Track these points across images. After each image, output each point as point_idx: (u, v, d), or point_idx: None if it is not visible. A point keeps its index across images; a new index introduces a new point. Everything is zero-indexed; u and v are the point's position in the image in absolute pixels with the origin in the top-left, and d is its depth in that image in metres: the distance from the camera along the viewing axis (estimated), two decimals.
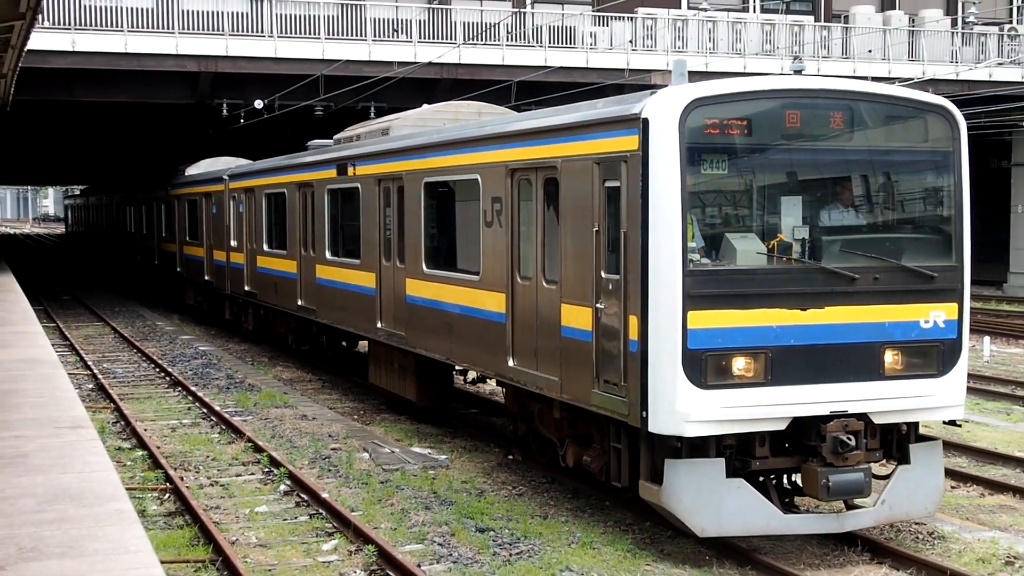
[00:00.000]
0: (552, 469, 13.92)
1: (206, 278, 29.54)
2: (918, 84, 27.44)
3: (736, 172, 10.65)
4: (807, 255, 10.60)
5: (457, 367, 15.42)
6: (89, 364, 22.79)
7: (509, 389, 13.90)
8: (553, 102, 16.81)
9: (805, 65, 11.83)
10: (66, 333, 28.18)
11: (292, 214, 21.67)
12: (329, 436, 16.31)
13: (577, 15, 36.09)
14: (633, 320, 10.26)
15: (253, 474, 14.17)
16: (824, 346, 10.33)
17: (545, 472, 14.01)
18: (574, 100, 13.92)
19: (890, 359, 10.57)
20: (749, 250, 10.35)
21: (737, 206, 10.95)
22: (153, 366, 23.31)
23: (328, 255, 19.65)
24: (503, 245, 12.92)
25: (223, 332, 29.49)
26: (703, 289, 10.01)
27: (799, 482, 11.00)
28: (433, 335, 15.13)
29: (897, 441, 10.97)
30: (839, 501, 10.83)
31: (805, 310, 10.26)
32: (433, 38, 33.68)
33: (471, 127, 14.95)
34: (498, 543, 11.19)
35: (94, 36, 30.67)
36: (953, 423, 11.29)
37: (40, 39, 27.11)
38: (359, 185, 17.88)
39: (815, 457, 10.37)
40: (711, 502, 10.08)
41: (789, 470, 10.97)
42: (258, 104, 32.38)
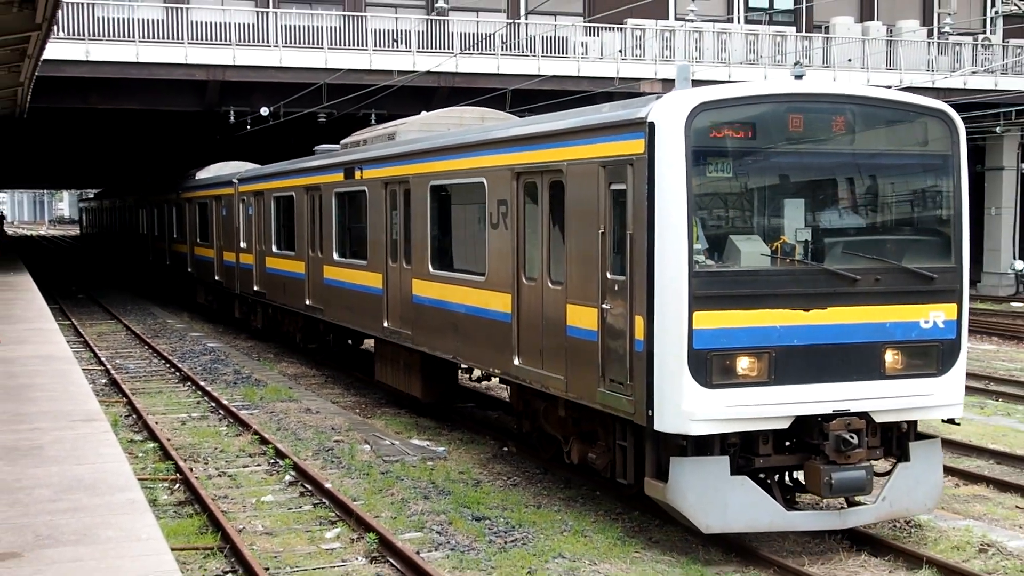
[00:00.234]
0: (546, 461, 13.94)
1: (216, 278, 29.40)
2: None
3: (740, 175, 10.44)
4: (810, 257, 10.39)
5: (463, 365, 15.15)
6: (102, 360, 22.80)
7: (514, 387, 13.66)
8: (546, 109, 16.74)
9: (806, 71, 11.68)
10: (80, 330, 28.16)
11: (300, 216, 21.44)
12: (332, 429, 16.32)
13: (569, 26, 36.10)
14: (639, 320, 10.05)
15: (259, 465, 14.18)
16: (826, 346, 10.14)
17: (538, 463, 14.03)
18: (566, 107, 13.85)
19: (891, 359, 10.39)
20: (753, 252, 10.16)
21: (741, 208, 10.71)
22: (164, 362, 23.31)
23: (336, 256, 19.40)
24: (508, 247, 12.72)
25: (231, 330, 29.48)
26: (708, 290, 9.80)
27: (800, 479, 10.84)
28: (439, 334, 14.92)
29: (897, 439, 10.78)
30: (840, 498, 10.68)
31: (808, 311, 10.08)
32: (431, 48, 33.67)
33: (477, 132, 14.68)
34: (494, 531, 11.21)
35: (107, 46, 30.71)
36: (952, 421, 11.08)
37: (55, 49, 27.10)
38: (366, 188, 17.66)
39: (817, 455, 10.19)
40: (716, 499, 9.90)
41: (791, 468, 10.80)
42: (264, 111, 32.46)
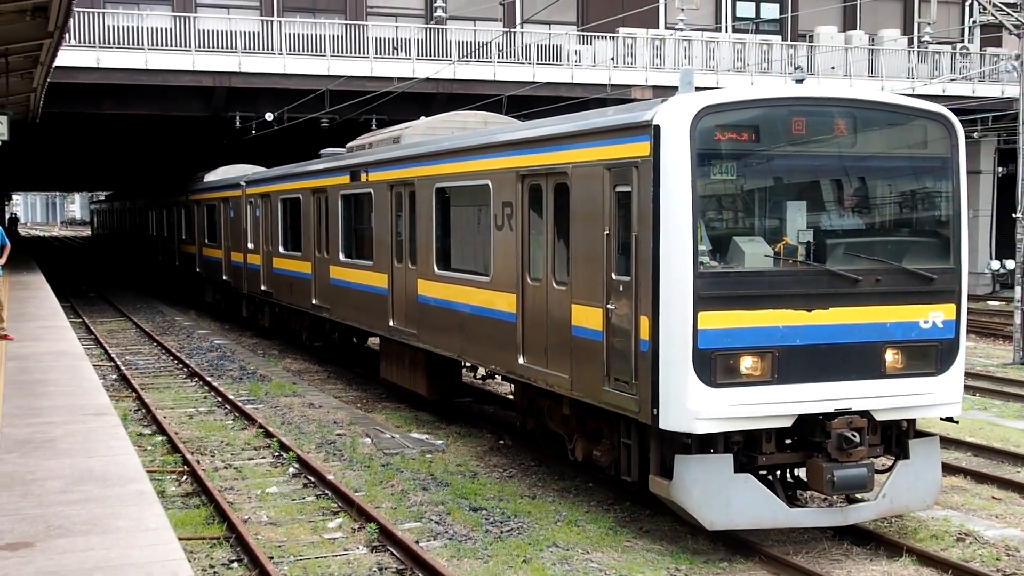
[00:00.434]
0: (549, 457, 13.94)
1: (224, 278, 29.27)
2: None
3: (743, 177, 10.24)
4: (812, 258, 10.21)
5: (468, 364, 14.92)
6: (112, 356, 22.76)
7: (518, 385, 13.46)
8: (541, 114, 16.71)
9: (806, 75, 11.56)
10: (91, 327, 28.11)
11: (307, 218, 21.25)
12: (334, 423, 16.30)
13: (563, 34, 36.13)
14: (644, 320, 9.90)
15: (264, 458, 14.17)
16: (828, 346, 9.98)
17: (534, 456, 14.03)
18: (560, 113, 13.78)
19: (891, 358, 10.23)
20: (756, 253, 9.98)
21: (744, 210, 10.52)
22: (172, 358, 23.28)
23: (341, 257, 19.21)
24: (513, 247, 12.51)
25: (236, 327, 29.44)
26: (713, 291, 9.64)
27: (801, 476, 10.72)
28: (444, 333, 14.71)
29: (897, 437, 10.64)
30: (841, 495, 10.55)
31: (810, 311, 9.92)
32: (430, 55, 33.67)
33: (482, 135, 14.43)
34: (490, 521, 11.22)
35: (117, 53, 30.69)
36: (951, 419, 10.91)
37: (67, 56, 27.07)
38: (372, 190, 17.46)
39: (820, 453, 10.04)
40: (720, 496, 9.76)
41: (794, 465, 10.65)
42: (269, 116, 32.45)
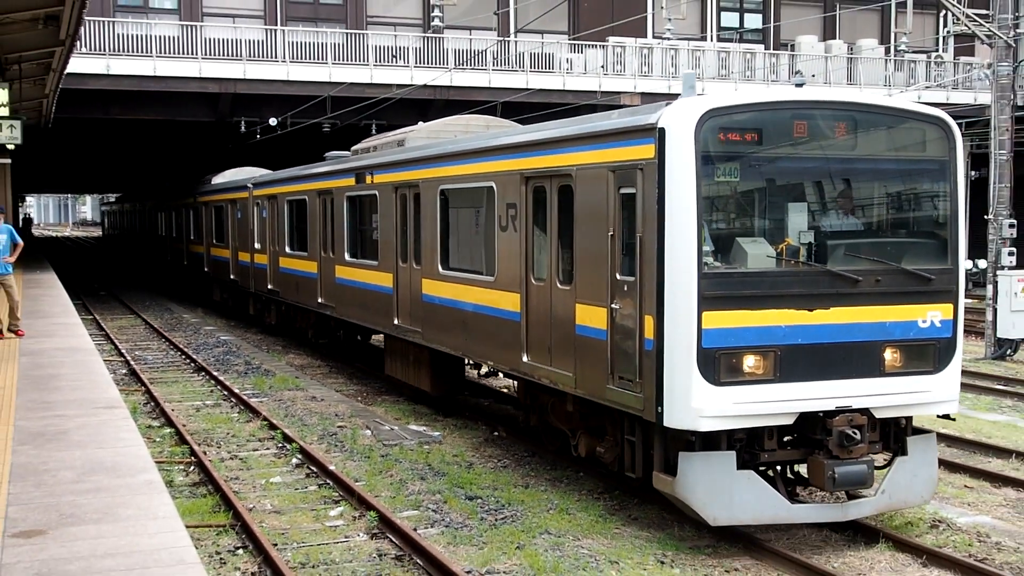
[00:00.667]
0: (533, 444, 13.94)
1: (232, 277, 29.06)
2: None
3: (746, 179, 10.07)
4: (813, 258, 10.03)
5: (472, 362, 14.64)
6: (122, 352, 22.70)
7: (521, 383, 13.25)
8: (534, 120, 16.67)
9: (805, 79, 11.46)
10: (102, 324, 28.04)
11: (312, 219, 21.03)
12: (336, 415, 16.28)
13: (555, 43, 36.12)
14: (649, 320, 9.70)
15: (268, 449, 14.14)
16: (829, 345, 9.81)
17: (527, 447, 14.02)
18: (553, 118, 13.72)
19: (890, 357, 10.06)
20: (759, 254, 9.80)
21: (747, 211, 10.32)
22: (180, 354, 23.22)
23: (347, 257, 18.98)
24: (517, 248, 12.30)
25: (242, 324, 29.40)
26: (717, 291, 9.46)
27: (802, 473, 10.59)
28: (448, 331, 14.47)
29: (895, 434, 10.49)
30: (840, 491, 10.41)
31: (812, 310, 9.75)
32: (427, 63, 33.66)
33: (486, 138, 14.12)
34: (485, 509, 11.20)
35: (126, 61, 30.64)
36: (947, 417, 10.73)
37: (78, 64, 27.03)
38: (377, 192, 17.23)
39: (821, 450, 9.89)
40: (723, 493, 9.60)
41: (794, 462, 10.51)
42: (272, 121, 32.40)
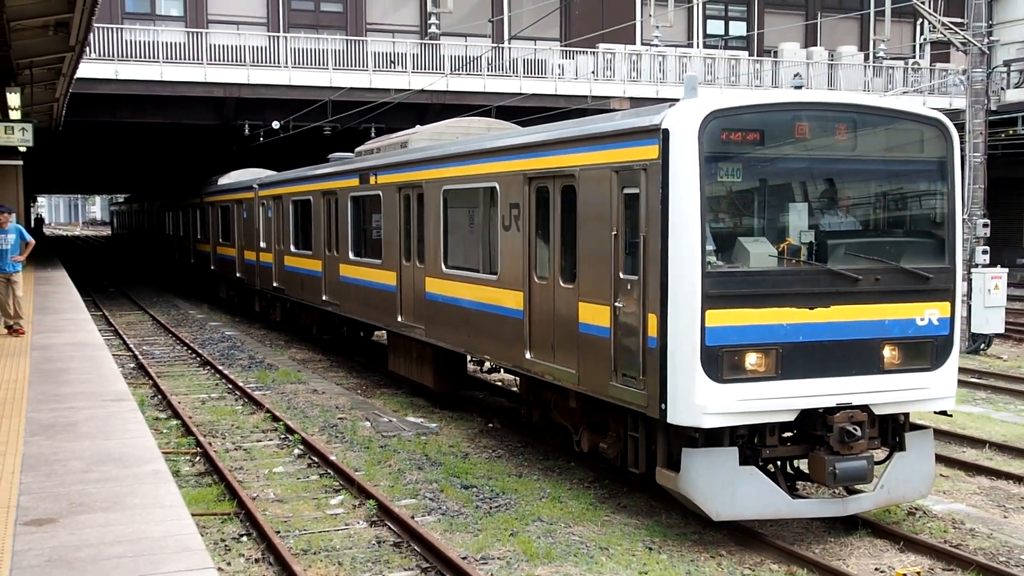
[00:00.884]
0: (526, 435, 13.93)
1: (238, 275, 28.89)
2: None
3: (748, 179, 9.85)
4: (814, 258, 9.82)
5: (475, 358, 14.48)
6: (130, 346, 22.66)
7: (523, 379, 13.00)
8: (527, 123, 16.62)
9: (804, 81, 11.37)
10: (111, 320, 27.98)
11: (317, 218, 20.84)
12: (336, 408, 16.26)
13: (547, 50, 36.10)
14: (652, 318, 9.51)
15: (271, 440, 14.12)
16: (830, 342, 9.63)
17: (520, 438, 14.02)
18: (546, 122, 13.66)
19: (889, 354, 9.89)
20: (761, 253, 9.61)
21: (749, 211, 10.08)
22: (186, 348, 23.18)
23: (351, 255, 18.79)
24: (520, 247, 12.07)
25: (246, 320, 29.35)
26: (720, 289, 9.25)
27: (801, 467, 10.48)
28: (451, 329, 14.22)
29: (893, 430, 10.34)
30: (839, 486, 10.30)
31: (812, 309, 9.56)
32: (425, 69, 33.61)
33: (489, 139, 13.80)
34: (480, 498, 11.20)
35: (134, 66, 30.55)
36: (944, 413, 10.56)
37: (87, 69, 26.96)
38: (381, 193, 16.99)
39: (821, 446, 9.74)
40: (726, 488, 9.43)
41: (795, 457, 10.34)
42: (275, 125, 32.34)
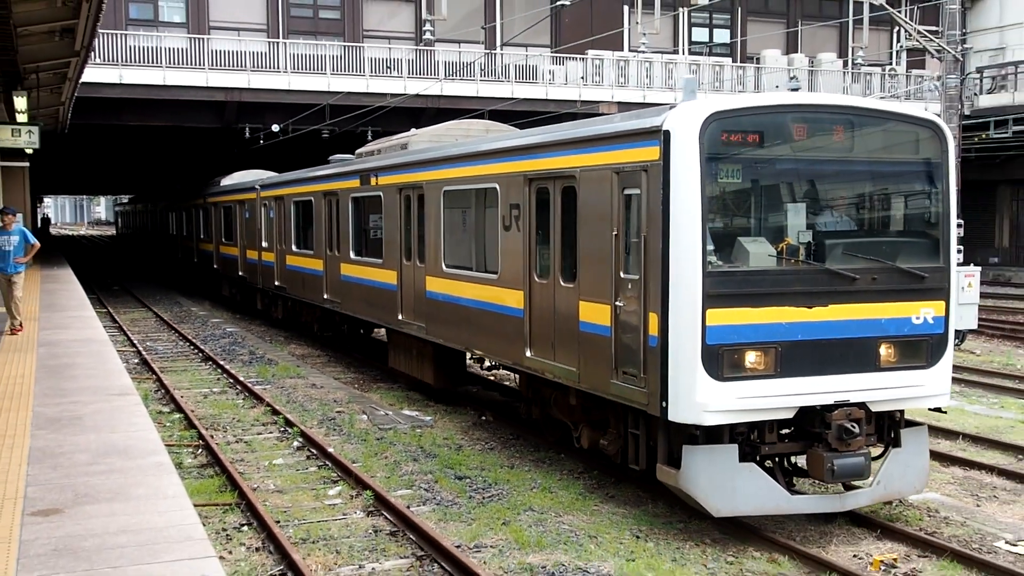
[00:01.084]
0: (520, 428, 13.92)
1: (240, 274, 28.72)
2: None
3: (748, 180, 9.68)
4: (812, 257, 9.65)
5: (474, 355, 14.35)
6: (135, 342, 22.57)
7: (523, 376, 12.82)
8: (519, 127, 16.58)
9: (800, 84, 11.28)
10: (115, 317, 27.88)
11: (318, 219, 20.62)
12: (334, 401, 16.23)
13: (538, 56, 36.08)
14: (653, 317, 9.33)
15: (271, 433, 14.09)
16: (827, 341, 9.47)
17: (513, 431, 14.01)
18: (537, 126, 13.63)
19: (885, 352, 9.76)
20: (760, 253, 9.44)
21: (748, 211, 9.90)
22: (188, 344, 23.11)
23: (352, 255, 18.57)
24: (521, 247, 11.87)
25: (246, 317, 29.28)
26: (720, 289, 9.09)
27: (799, 465, 10.40)
28: (451, 327, 14.01)
29: (889, 426, 10.18)
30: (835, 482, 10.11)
31: (811, 308, 9.41)
32: (419, 74, 33.58)
33: (491, 141, 13.55)
34: (473, 488, 11.19)
35: (138, 71, 30.48)
36: (939, 410, 10.41)
37: (92, 73, 26.87)
38: (381, 193, 16.68)
39: (820, 443, 9.59)
40: (726, 485, 9.29)
41: (794, 454, 10.20)
42: (275, 128, 32.33)
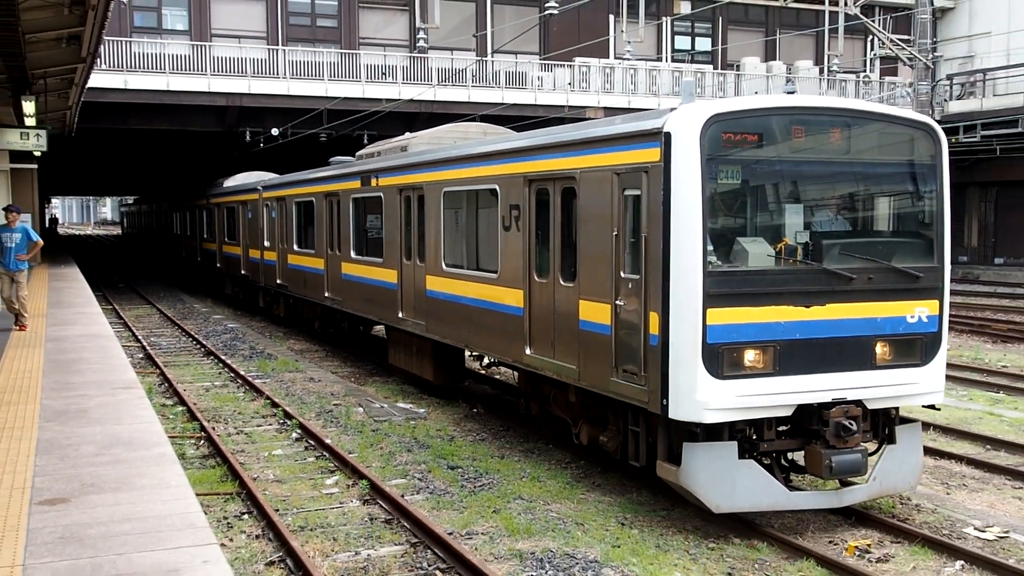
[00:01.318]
0: (510, 420, 13.93)
1: (243, 272, 28.55)
2: None
3: (747, 181, 9.49)
4: (810, 257, 9.47)
5: (473, 353, 14.21)
6: (139, 338, 22.52)
7: (522, 374, 12.65)
8: (513, 131, 16.55)
9: (797, 87, 11.22)
10: (120, 313, 27.81)
11: (320, 219, 20.46)
12: (331, 394, 16.21)
13: (527, 63, 36.14)
14: (654, 316, 9.16)
15: (271, 424, 14.07)
16: (825, 339, 9.33)
17: (503, 422, 14.02)
18: (527, 130, 13.62)
19: (881, 351, 9.61)
20: (759, 253, 9.28)
21: (747, 212, 9.71)
22: (191, 339, 23.06)
23: (353, 254, 18.39)
24: (521, 247, 11.68)
25: (247, 313, 29.21)
26: (720, 288, 8.92)
27: (796, 460, 10.30)
28: (451, 325, 13.78)
29: (884, 423, 10.03)
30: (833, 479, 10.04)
31: (808, 307, 9.25)
32: (413, 80, 33.58)
33: (491, 143, 13.34)
34: (465, 478, 11.20)
35: (142, 76, 30.42)
36: (933, 407, 10.29)
37: (98, 79, 26.78)
38: (382, 194, 16.45)
39: (817, 440, 9.43)
40: (725, 482, 9.14)
41: (791, 451, 10.04)
42: (274, 131, 32.27)
